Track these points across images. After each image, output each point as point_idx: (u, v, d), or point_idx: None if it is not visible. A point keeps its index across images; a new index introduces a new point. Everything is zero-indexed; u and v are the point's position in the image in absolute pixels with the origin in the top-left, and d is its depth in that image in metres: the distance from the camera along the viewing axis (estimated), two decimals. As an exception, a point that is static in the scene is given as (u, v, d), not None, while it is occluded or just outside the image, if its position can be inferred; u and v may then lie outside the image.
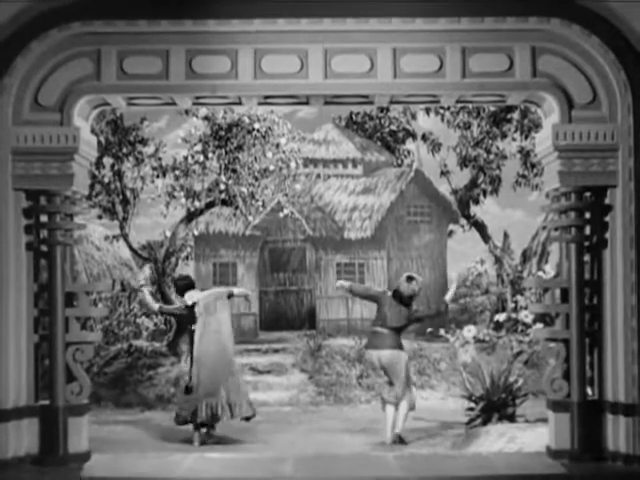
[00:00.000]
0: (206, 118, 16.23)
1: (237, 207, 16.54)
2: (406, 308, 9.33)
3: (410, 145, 24.97)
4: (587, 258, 7.16)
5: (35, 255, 7.11)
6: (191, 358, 9.62)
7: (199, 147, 16.32)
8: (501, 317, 12.90)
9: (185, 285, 10.01)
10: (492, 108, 18.76)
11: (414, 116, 24.83)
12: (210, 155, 16.23)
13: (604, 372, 7.04)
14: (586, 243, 7.15)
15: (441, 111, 19.96)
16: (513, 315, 12.46)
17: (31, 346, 7.03)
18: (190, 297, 9.81)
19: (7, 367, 6.86)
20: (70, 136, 6.97)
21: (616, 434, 6.94)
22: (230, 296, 9.86)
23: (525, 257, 18.82)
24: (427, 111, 20.98)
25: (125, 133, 16.66)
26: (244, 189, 16.30)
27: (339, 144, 22.22)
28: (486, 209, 21.21)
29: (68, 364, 7.07)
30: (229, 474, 6.96)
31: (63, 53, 7.00)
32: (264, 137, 16.21)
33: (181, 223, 17.46)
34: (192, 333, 9.60)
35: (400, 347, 9.32)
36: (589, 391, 7.14)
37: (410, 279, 9.40)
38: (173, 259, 19.92)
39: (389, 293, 9.53)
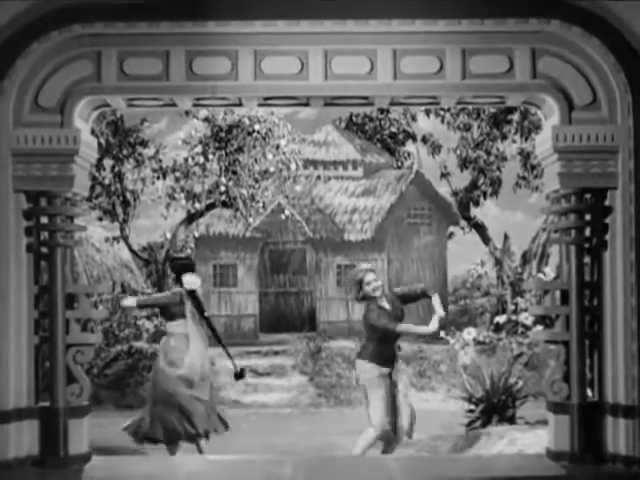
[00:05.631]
0: (206, 119, 16.28)
1: (237, 209, 16.58)
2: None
3: (410, 147, 25.01)
4: (587, 260, 7.15)
5: (35, 257, 7.10)
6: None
7: (199, 149, 16.38)
8: (501, 319, 12.93)
9: (182, 266, 8.54)
10: (492, 110, 18.81)
11: (414, 118, 24.87)
12: (210, 157, 16.27)
13: (604, 374, 7.03)
14: (586, 245, 7.14)
15: (441, 113, 20.05)
16: (513, 317, 12.48)
17: (31, 348, 7.02)
18: (189, 282, 8.38)
19: (7, 369, 6.85)
20: (70, 138, 6.96)
21: (616, 436, 6.92)
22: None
23: (525, 259, 18.84)
24: (427, 113, 21.09)
25: (125, 135, 16.71)
26: (244, 191, 16.34)
27: (339, 146, 22.22)
28: (486, 211, 21.31)
29: (68, 366, 7.06)
30: (229, 476, 6.95)
31: (63, 55, 7.00)
32: (264, 138, 16.26)
33: (181, 225, 17.52)
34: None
35: (359, 355, 7.99)
36: (589, 393, 7.13)
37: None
38: (173, 261, 19.88)
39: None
